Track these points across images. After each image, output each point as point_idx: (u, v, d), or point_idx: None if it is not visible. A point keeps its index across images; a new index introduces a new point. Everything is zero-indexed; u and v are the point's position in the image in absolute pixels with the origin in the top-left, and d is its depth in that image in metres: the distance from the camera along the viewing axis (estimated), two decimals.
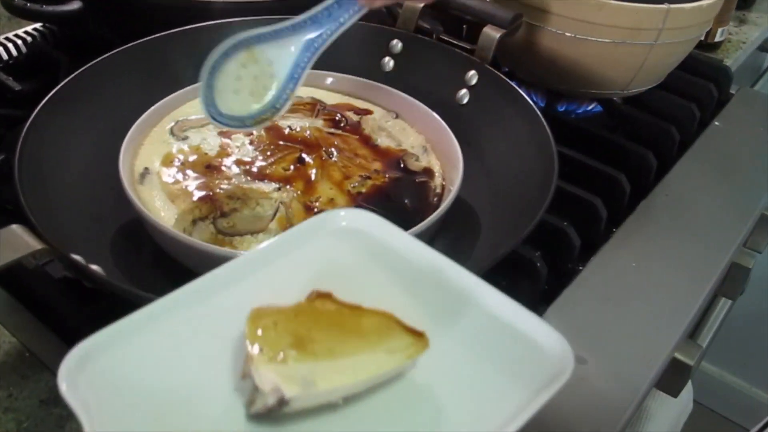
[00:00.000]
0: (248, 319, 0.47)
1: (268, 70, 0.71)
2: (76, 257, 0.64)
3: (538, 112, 0.83)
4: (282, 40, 0.69)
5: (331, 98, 0.90)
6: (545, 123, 0.82)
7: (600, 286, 0.80)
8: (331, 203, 0.75)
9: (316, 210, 0.75)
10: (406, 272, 0.55)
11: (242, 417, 0.46)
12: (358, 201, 0.76)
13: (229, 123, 0.72)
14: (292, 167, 0.79)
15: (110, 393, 0.45)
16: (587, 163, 0.94)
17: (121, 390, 0.46)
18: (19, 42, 1.10)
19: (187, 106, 0.86)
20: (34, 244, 0.62)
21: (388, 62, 0.97)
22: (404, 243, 0.57)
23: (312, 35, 0.69)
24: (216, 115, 0.71)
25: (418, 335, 0.48)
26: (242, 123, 0.72)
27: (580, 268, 0.83)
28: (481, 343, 0.51)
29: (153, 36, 0.92)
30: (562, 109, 1.08)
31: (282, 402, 0.44)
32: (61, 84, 0.83)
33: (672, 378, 0.78)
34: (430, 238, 0.75)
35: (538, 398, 0.46)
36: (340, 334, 0.48)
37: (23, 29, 1.13)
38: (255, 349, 0.46)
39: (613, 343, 0.74)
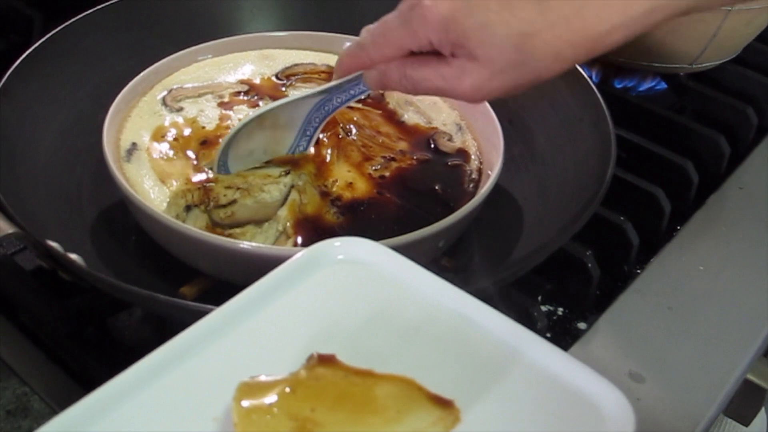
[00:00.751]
0: (235, 398, 0.45)
1: (280, 130, 0.76)
2: (53, 244, 0.64)
3: (594, 87, 0.83)
4: (293, 107, 0.75)
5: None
6: (602, 100, 0.82)
7: (661, 293, 0.80)
8: (350, 188, 0.76)
9: (332, 196, 0.75)
10: (424, 319, 0.52)
11: None
12: (381, 186, 0.76)
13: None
14: None
15: None
16: (648, 148, 0.93)
17: None
18: None
19: (182, 72, 0.86)
20: (5, 227, 0.62)
21: None
22: (418, 280, 0.54)
23: (323, 100, 0.75)
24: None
25: (446, 405, 0.46)
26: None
27: (638, 270, 0.83)
28: (522, 406, 0.48)
29: None
30: (620, 86, 1.08)
31: None
32: (35, 45, 0.83)
33: (743, 403, 0.79)
34: (464, 230, 0.75)
35: None
36: (351, 413, 0.45)
37: None
38: None
39: (674, 359, 0.74)
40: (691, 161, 0.91)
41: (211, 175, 0.75)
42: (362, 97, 0.74)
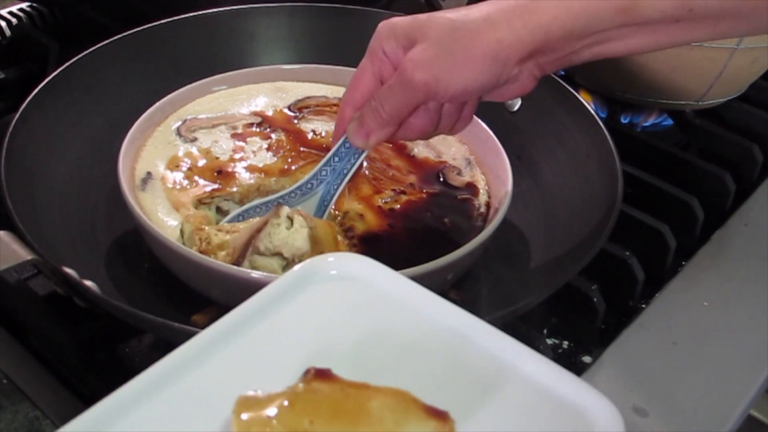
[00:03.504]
0: (234, 413, 0.44)
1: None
2: (69, 271, 0.65)
3: (601, 123, 0.84)
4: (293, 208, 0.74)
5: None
6: (609, 136, 0.83)
7: (665, 328, 0.81)
8: (361, 219, 0.77)
9: (341, 227, 0.76)
10: (419, 334, 0.53)
11: None
12: (391, 218, 0.78)
13: None
14: None
15: None
16: (654, 184, 0.94)
17: None
18: (3, 24, 1.12)
19: (196, 103, 0.88)
20: (23, 254, 0.64)
21: None
22: (412, 295, 0.55)
23: (321, 195, 0.77)
24: None
25: (441, 417, 0.47)
26: None
27: (643, 306, 0.83)
28: (515, 418, 0.49)
29: (156, 23, 0.95)
30: (626, 121, 1.09)
31: None
32: (53, 74, 0.85)
33: None
34: (471, 264, 0.76)
35: None
36: (347, 426, 0.46)
37: (7, 9, 1.15)
38: None
39: (678, 394, 0.75)
40: (696, 198, 0.92)
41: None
42: (357, 165, 0.76)
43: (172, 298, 0.76)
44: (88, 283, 0.66)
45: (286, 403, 0.46)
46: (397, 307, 0.54)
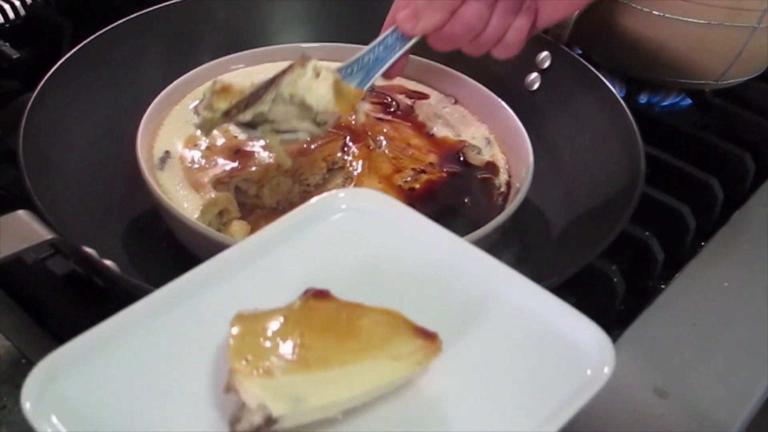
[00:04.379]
0: (231, 325, 0.47)
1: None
2: (89, 250, 0.65)
3: (622, 102, 0.84)
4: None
5: (380, 78, 0.90)
6: (630, 115, 0.82)
7: (685, 309, 0.80)
8: None
9: None
10: (418, 261, 0.55)
11: None
12: (411, 198, 0.77)
13: None
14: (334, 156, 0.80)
15: (80, 412, 0.45)
16: (673, 164, 0.93)
17: (93, 408, 0.46)
18: (17, 3, 1.11)
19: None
20: (43, 233, 0.63)
21: None
22: (418, 226, 0.57)
23: (359, 81, 0.77)
24: None
25: (429, 337, 0.48)
26: None
27: (662, 286, 0.83)
28: (504, 342, 0.51)
29: (172, 1, 0.94)
30: (644, 101, 1.08)
31: (270, 420, 0.44)
32: (69, 54, 0.84)
33: (767, 420, 0.78)
34: (491, 244, 0.76)
35: (571, 405, 0.46)
36: (336, 339, 0.48)
37: None
38: (237, 361, 0.45)
39: (698, 376, 0.74)
40: (716, 178, 0.92)
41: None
42: (395, 56, 0.76)
43: None
44: (108, 262, 0.66)
45: (282, 318, 0.48)
46: (401, 237, 0.56)
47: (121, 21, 0.90)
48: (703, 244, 0.88)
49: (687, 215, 0.86)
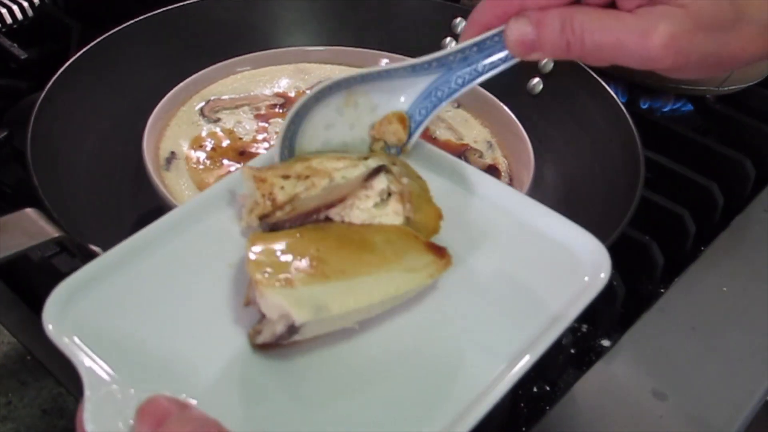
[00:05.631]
0: (248, 242, 0.48)
1: (369, 118, 0.60)
2: (96, 249, 0.64)
3: (623, 108, 0.84)
4: (394, 83, 0.59)
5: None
6: (631, 120, 0.82)
7: (684, 313, 0.80)
8: None
9: None
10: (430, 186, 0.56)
11: (246, 349, 0.47)
12: None
13: None
14: None
15: (101, 332, 0.46)
16: (674, 169, 0.93)
17: (113, 327, 0.46)
18: (25, 4, 1.11)
19: (219, 84, 0.88)
20: (50, 231, 0.63)
21: (450, 43, 0.97)
22: (434, 156, 0.59)
23: (435, 81, 0.59)
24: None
25: (439, 252, 0.50)
26: None
27: (662, 290, 0.83)
28: (508, 257, 0.53)
29: (179, 3, 0.94)
30: (646, 106, 1.08)
31: (292, 329, 0.45)
32: (78, 54, 0.85)
33: (765, 425, 0.78)
34: None
35: (571, 310, 0.48)
36: (352, 253, 0.49)
37: None
38: (258, 273, 0.46)
39: (697, 378, 0.74)
40: (716, 183, 0.91)
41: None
42: (495, 73, 0.57)
43: None
44: None
45: (297, 235, 0.49)
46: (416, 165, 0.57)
47: (129, 23, 0.90)
48: (703, 249, 0.88)
49: (687, 220, 0.86)
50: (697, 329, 0.79)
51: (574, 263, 0.51)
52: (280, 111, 0.85)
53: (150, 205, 0.78)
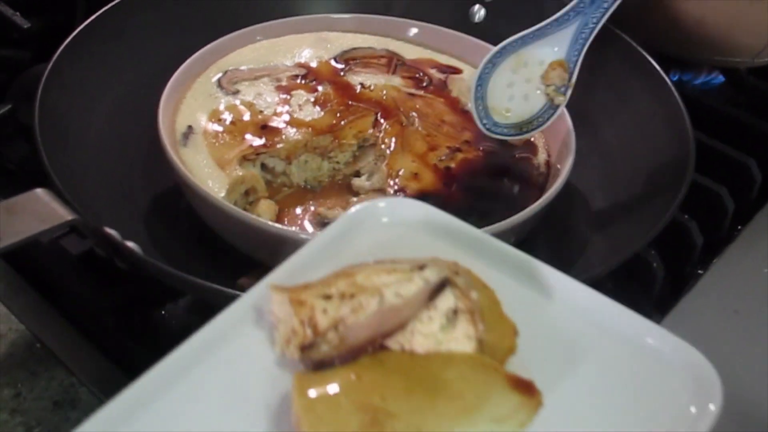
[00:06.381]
0: (295, 388, 0.41)
1: (538, 70, 0.77)
2: (111, 232, 0.62)
3: (668, 81, 0.80)
4: (548, 38, 0.76)
5: (410, 52, 0.87)
6: (678, 95, 0.79)
7: (725, 295, 0.77)
8: (415, 179, 0.73)
9: (395, 187, 0.72)
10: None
11: None
12: (447, 177, 0.74)
13: (507, 133, 0.79)
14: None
15: None
16: (709, 144, 0.89)
17: None
18: None
19: (237, 54, 0.83)
20: (63, 213, 0.59)
21: (478, 11, 0.94)
22: (472, 242, 0.50)
23: (577, 26, 0.76)
24: (492, 127, 0.78)
25: (527, 389, 0.42)
26: (520, 130, 0.78)
27: (700, 272, 0.79)
28: (597, 380, 0.45)
29: None
30: (676, 79, 1.04)
31: None
32: (86, 23, 0.81)
33: None
34: (530, 229, 0.72)
35: None
36: (425, 401, 0.41)
37: None
38: None
39: (741, 365, 0.70)
40: (754, 159, 0.88)
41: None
42: (617, 4, 0.74)
43: (216, 259, 0.73)
44: (130, 244, 0.63)
45: (353, 377, 0.41)
46: (456, 256, 0.48)
47: None
48: (739, 227, 0.85)
49: (725, 197, 0.83)
50: (740, 313, 0.75)
51: (677, 389, 0.44)
52: (303, 83, 0.81)
53: (166, 184, 0.75)
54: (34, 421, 0.61)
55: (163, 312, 0.72)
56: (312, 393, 0.40)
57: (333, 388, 0.41)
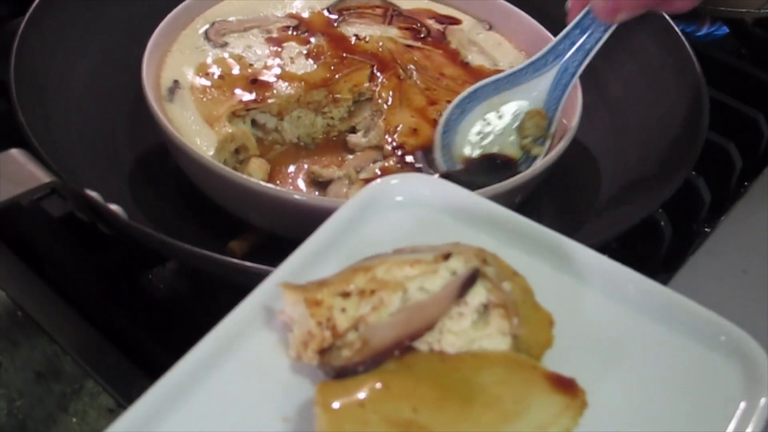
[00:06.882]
0: (318, 401, 0.37)
1: (513, 121, 0.71)
2: (93, 194, 0.59)
3: (678, 31, 0.77)
4: (524, 85, 0.71)
5: (406, 1, 0.84)
6: (689, 46, 0.76)
7: (734, 255, 0.75)
8: (414, 135, 0.70)
9: (393, 143, 0.69)
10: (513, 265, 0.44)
11: None
12: None
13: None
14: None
15: None
16: (716, 98, 0.84)
17: None
18: None
19: (225, 4, 0.80)
20: (41, 175, 0.57)
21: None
22: (492, 216, 0.47)
23: (557, 71, 0.71)
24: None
25: (569, 389, 0.38)
26: None
27: (707, 230, 0.77)
28: (641, 371, 0.42)
29: None
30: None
31: None
32: None
33: None
34: (535, 188, 0.69)
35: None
36: (459, 409, 0.38)
37: None
38: None
39: (753, 325, 0.66)
40: (761, 112, 0.85)
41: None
42: (600, 44, 0.70)
43: (205, 221, 0.71)
44: (114, 207, 0.60)
45: (379, 385, 0.38)
46: (479, 238, 0.45)
47: None
48: (746, 183, 0.83)
49: (732, 152, 0.81)
50: (749, 273, 0.73)
51: (727, 381, 0.41)
52: (294, 34, 0.78)
53: (151, 142, 0.72)
54: (16, 393, 0.59)
55: (150, 276, 0.71)
56: (336, 405, 0.37)
57: (359, 400, 0.37)
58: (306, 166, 0.72)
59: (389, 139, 0.70)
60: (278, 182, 0.71)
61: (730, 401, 0.40)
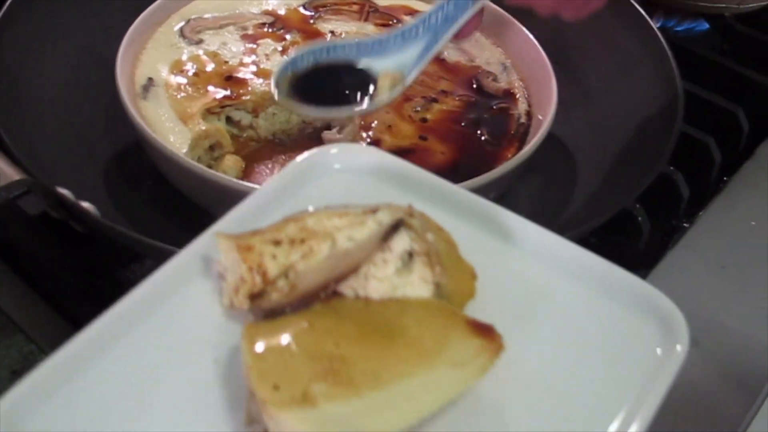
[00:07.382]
0: (245, 339, 0.38)
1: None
2: (64, 192, 0.58)
3: (654, 26, 0.77)
4: (389, 53, 0.66)
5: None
6: (664, 41, 0.76)
7: (712, 250, 0.74)
8: (390, 131, 0.70)
9: (368, 139, 0.69)
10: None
11: None
12: (423, 129, 0.71)
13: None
14: None
15: None
16: (696, 93, 0.85)
17: None
18: None
19: (201, 1, 0.79)
20: (11, 173, 0.58)
21: None
22: (428, 186, 0.48)
23: (425, 44, 0.65)
24: None
25: (487, 333, 0.39)
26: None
27: (686, 225, 0.76)
28: (560, 325, 0.43)
29: None
30: (659, 25, 0.99)
31: None
32: None
33: None
34: (510, 183, 0.69)
35: (651, 396, 0.39)
36: (381, 346, 0.38)
37: None
38: (266, 389, 0.36)
39: (731, 321, 0.69)
40: (741, 108, 0.85)
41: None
42: (466, 16, 0.64)
43: (179, 219, 0.70)
44: (86, 204, 0.60)
45: (305, 325, 0.38)
46: (411, 201, 0.45)
47: None
48: (725, 179, 0.82)
49: (712, 147, 0.80)
50: (727, 268, 0.73)
51: (643, 332, 0.42)
52: (270, 31, 0.77)
53: (126, 140, 0.71)
54: None
55: (128, 273, 0.69)
56: (262, 342, 0.37)
57: (284, 337, 0.38)
58: (281, 162, 0.72)
59: (364, 135, 0.69)
60: (253, 179, 0.70)
61: (647, 350, 0.41)
